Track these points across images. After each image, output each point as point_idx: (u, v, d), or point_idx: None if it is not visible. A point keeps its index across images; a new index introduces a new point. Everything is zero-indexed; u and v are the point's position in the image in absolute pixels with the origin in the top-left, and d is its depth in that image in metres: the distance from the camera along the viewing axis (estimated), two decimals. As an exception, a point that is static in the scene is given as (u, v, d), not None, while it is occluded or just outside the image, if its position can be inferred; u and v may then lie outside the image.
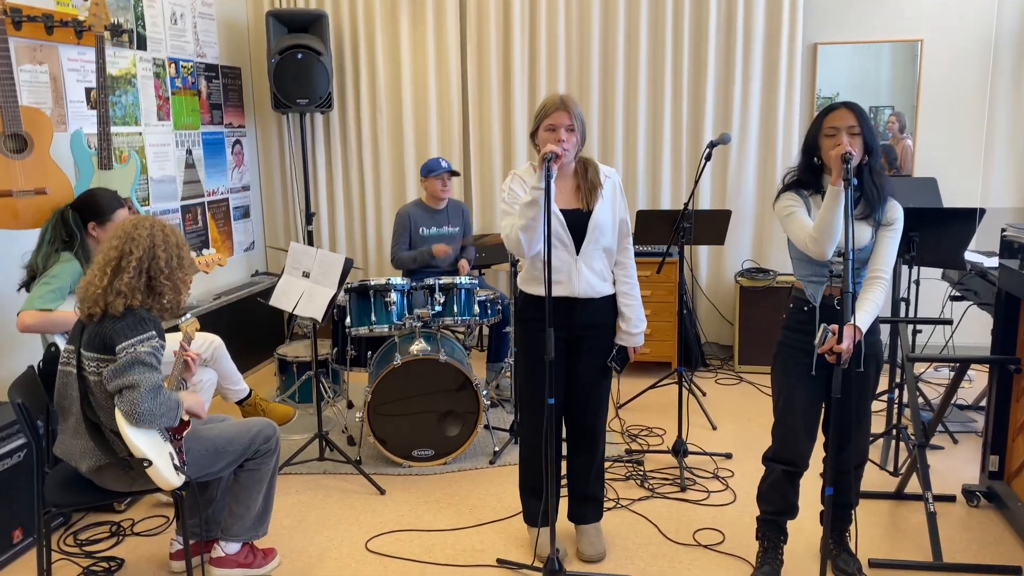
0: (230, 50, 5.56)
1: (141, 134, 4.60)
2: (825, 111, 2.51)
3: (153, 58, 4.70)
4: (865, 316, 2.48)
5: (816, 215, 2.50)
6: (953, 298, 4.19)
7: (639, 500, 3.43)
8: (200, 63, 5.18)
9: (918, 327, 4.24)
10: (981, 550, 2.99)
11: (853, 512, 2.78)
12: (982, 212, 3.34)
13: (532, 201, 2.62)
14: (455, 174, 4.69)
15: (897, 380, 3.78)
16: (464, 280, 3.98)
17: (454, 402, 3.76)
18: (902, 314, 3.80)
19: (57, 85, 3.92)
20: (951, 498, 3.38)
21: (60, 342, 3.09)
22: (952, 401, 3.41)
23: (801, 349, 2.59)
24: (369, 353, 4.23)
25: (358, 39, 5.54)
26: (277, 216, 5.98)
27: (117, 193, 3.39)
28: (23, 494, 3.04)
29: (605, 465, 3.09)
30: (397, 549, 3.08)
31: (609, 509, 3.32)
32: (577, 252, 2.77)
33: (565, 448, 3.05)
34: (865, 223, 2.53)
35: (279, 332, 5.54)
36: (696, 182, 3.76)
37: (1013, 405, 3.22)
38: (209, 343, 3.56)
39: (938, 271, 4.46)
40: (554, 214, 2.68)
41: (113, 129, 4.17)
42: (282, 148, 5.86)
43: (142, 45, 4.61)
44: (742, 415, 4.43)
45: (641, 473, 3.67)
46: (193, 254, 2.67)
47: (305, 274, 3.56)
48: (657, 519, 3.26)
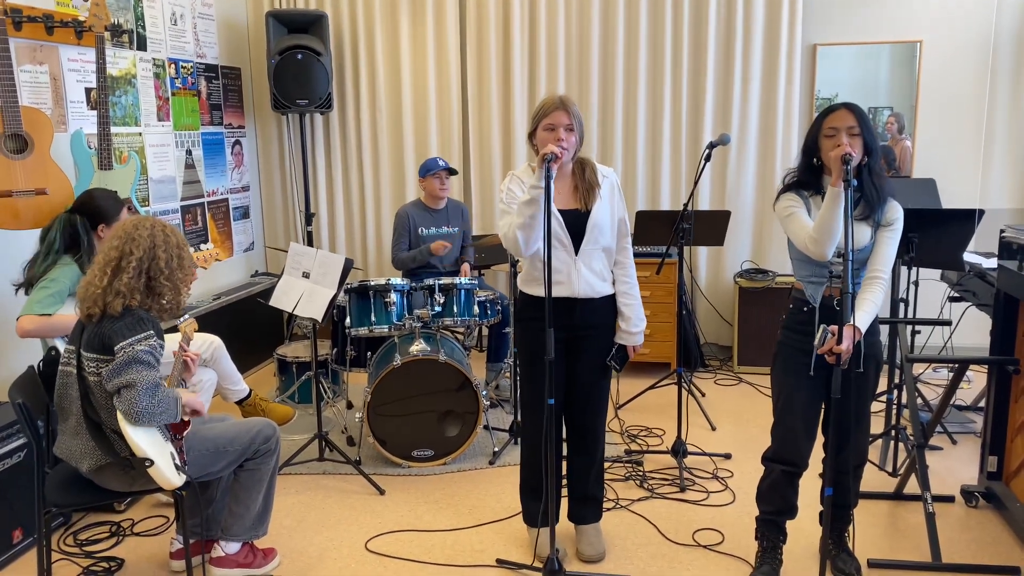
0: (230, 51, 5.57)
1: (141, 134, 4.60)
2: (825, 112, 2.52)
3: (153, 58, 4.71)
4: (864, 316, 2.49)
5: (816, 216, 2.50)
6: (952, 299, 4.20)
7: (638, 500, 3.43)
8: (200, 63, 5.18)
9: (917, 328, 4.24)
10: (980, 550, 3.00)
11: (852, 512, 2.79)
12: (981, 213, 3.35)
13: (531, 200, 2.62)
14: (453, 172, 4.69)
15: (896, 381, 3.79)
16: (464, 280, 3.98)
17: (454, 402, 3.77)
18: (901, 315, 3.81)
19: (57, 85, 3.92)
20: (950, 498, 3.38)
21: (60, 345, 3.07)
22: (951, 402, 3.42)
23: (800, 349, 2.60)
24: (369, 353, 4.24)
25: (358, 40, 5.55)
26: (277, 216, 5.99)
27: (114, 192, 3.39)
28: (23, 494, 3.04)
29: (605, 465, 3.09)
30: (397, 549, 3.08)
31: (609, 509, 3.32)
32: (576, 252, 2.78)
33: (565, 448, 3.06)
34: (865, 224, 2.54)
35: (279, 332, 5.55)
36: (695, 183, 3.76)
37: (1012, 406, 3.23)
38: (209, 343, 3.56)
39: (937, 272, 4.47)
40: (552, 215, 2.68)
41: (113, 129, 4.18)
42: (282, 149, 5.87)
43: (142, 45, 4.61)
44: (741, 416, 4.43)
45: (640, 473, 3.68)
46: (191, 250, 2.68)
47: (305, 274, 3.57)
48: (656, 519, 3.27)
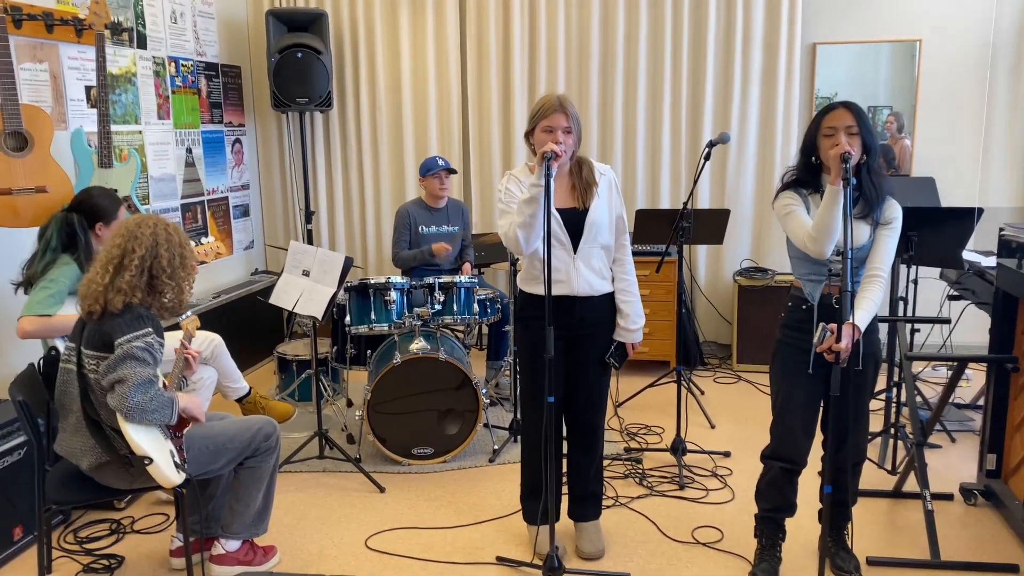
0: (230, 49, 5.57)
1: (141, 133, 4.60)
2: (823, 111, 2.52)
3: (153, 57, 4.71)
4: (863, 315, 2.50)
5: (815, 214, 2.51)
6: (951, 297, 4.20)
7: (638, 498, 3.44)
8: (200, 62, 5.18)
9: (916, 326, 4.25)
10: (979, 548, 3.01)
11: (851, 510, 2.80)
12: (980, 212, 3.35)
13: (531, 198, 2.63)
14: (452, 172, 4.69)
15: (895, 379, 3.79)
16: (464, 279, 3.98)
17: (454, 400, 3.77)
18: (900, 313, 3.81)
19: (57, 83, 3.92)
20: (949, 496, 3.39)
21: (60, 345, 3.06)
22: (950, 400, 3.42)
23: (799, 348, 2.60)
24: (369, 352, 4.24)
25: (358, 38, 5.55)
26: (277, 215, 5.99)
27: (113, 191, 3.39)
28: (24, 492, 3.04)
29: (604, 463, 3.10)
30: (397, 547, 3.09)
31: (608, 507, 3.33)
32: (575, 251, 2.78)
33: (565, 446, 3.06)
34: (863, 222, 2.54)
35: (279, 330, 5.55)
36: (695, 181, 3.77)
37: (1011, 404, 3.23)
38: (209, 341, 3.57)
39: (936, 270, 4.47)
40: (551, 214, 2.68)
41: (113, 128, 4.18)
42: (282, 147, 5.87)
43: (142, 44, 4.61)
44: (740, 414, 4.44)
45: (640, 471, 3.68)
46: (189, 239, 2.68)
47: (305, 273, 3.57)
48: (656, 517, 3.27)
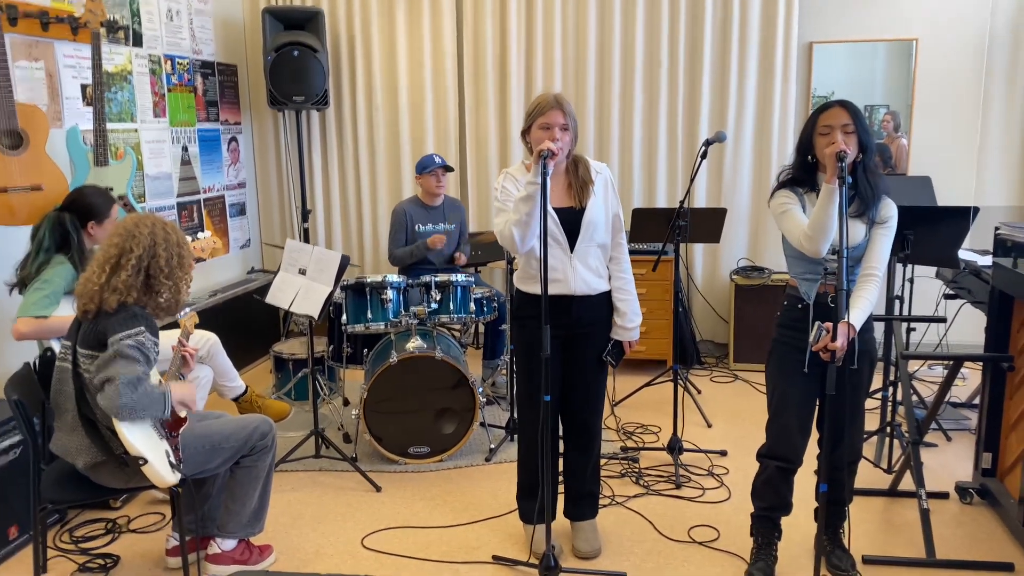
0: (226, 47, 5.55)
1: (137, 131, 4.59)
2: (820, 109, 2.52)
3: (149, 55, 4.69)
4: (859, 313, 2.50)
5: (811, 213, 2.51)
6: (947, 296, 4.21)
7: (634, 497, 3.44)
8: (196, 60, 5.17)
9: (912, 325, 4.26)
10: (974, 547, 3.01)
11: (847, 509, 2.80)
12: (976, 211, 3.36)
13: (527, 196, 2.62)
14: (449, 169, 4.69)
15: (891, 378, 3.80)
16: (460, 278, 3.98)
17: (450, 399, 3.77)
18: (896, 312, 3.82)
19: (53, 81, 3.91)
20: (944, 495, 3.40)
21: (56, 346, 3.05)
22: (946, 399, 3.43)
23: (795, 346, 2.61)
24: (365, 350, 4.24)
25: (354, 36, 5.54)
26: (273, 213, 5.98)
27: (106, 189, 3.38)
28: (19, 491, 3.03)
29: (601, 462, 3.10)
30: (393, 546, 3.09)
31: (605, 506, 3.33)
32: (571, 250, 2.78)
33: (562, 445, 3.06)
34: (859, 221, 2.55)
35: (275, 329, 5.54)
36: (692, 180, 3.77)
37: (1006, 402, 3.24)
38: (205, 340, 3.56)
39: (932, 269, 4.48)
40: (547, 213, 2.68)
41: (109, 126, 4.17)
42: (278, 145, 5.86)
43: (138, 42, 4.60)
44: (737, 412, 4.44)
45: (636, 470, 3.68)
46: (187, 237, 2.67)
47: (301, 271, 3.56)
48: (652, 516, 3.28)
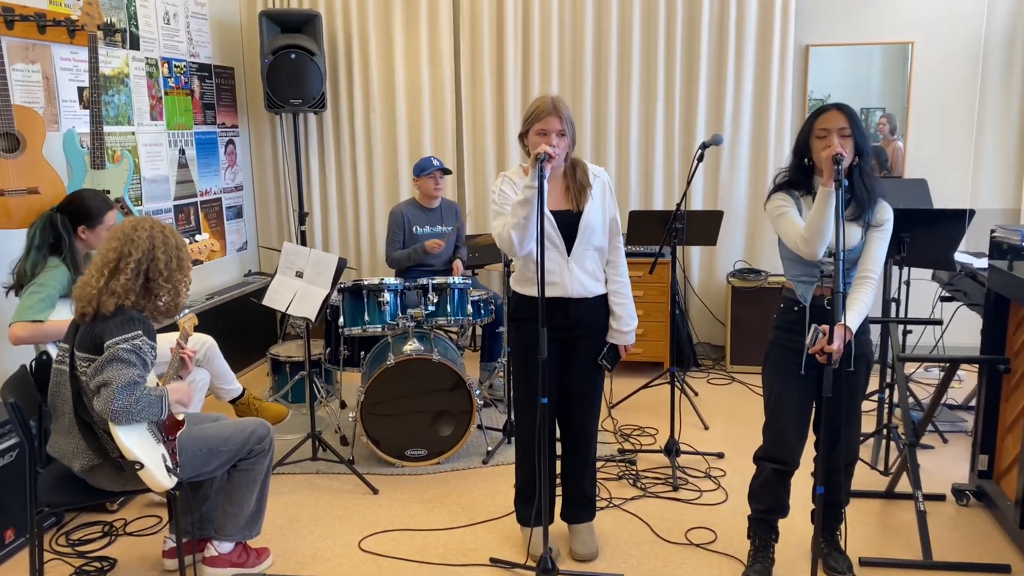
0: (223, 50, 5.56)
1: (134, 134, 4.59)
2: (816, 113, 2.53)
3: (146, 58, 4.69)
4: (855, 316, 2.51)
5: (807, 216, 2.52)
6: (943, 299, 4.22)
7: (631, 499, 3.44)
8: (193, 63, 5.17)
9: (908, 327, 4.26)
10: (970, 548, 3.02)
11: (844, 511, 2.81)
12: (971, 213, 3.37)
13: (525, 200, 2.63)
14: (447, 172, 4.70)
15: (887, 380, 3.81)
16: (457, 280, 3.98)
17: (447, 402, 3.77)
18: (892, 314, 3.83)
19: (50, 84, 3.91)
20: (941, 497, 3.40)
21: (52, 350, 3.04)
22: (942, 401, 3.44)
23: (792, 349, 2.61)
24: (362, 353, 4.23)
25: (351, 39, 5.54)
26: (270, 216, 5.98)
27: (105, 194, 3.37)
28: (15, 494, 3.03)
29: (598, 465, 3.10)
30: (390, 549, 3.09)
31: (602, 508, 3.33)
32: (568, 253, 2.78)
33: (559, 448, 3.06)
34: (855, 224, 2.55)
35: (272, 332, 5.54)
36: (688, 183, 3.77)
37: (1002, 405, 3.24)
38: (202, 343, 3.55)
39: (928, 272, 4.49)
40: (544, 215, 2.68)
41: (106, 129, 4.17)
42: (275, 148, 5.86)
43: (135, 45, 4.60)
44: (734, 415, 4.45)
45: (633, 473, 3.69)
46: (185, 240, 2.67)
47: (298, 274, 3.56)
48: (649, 518, 3.28)
